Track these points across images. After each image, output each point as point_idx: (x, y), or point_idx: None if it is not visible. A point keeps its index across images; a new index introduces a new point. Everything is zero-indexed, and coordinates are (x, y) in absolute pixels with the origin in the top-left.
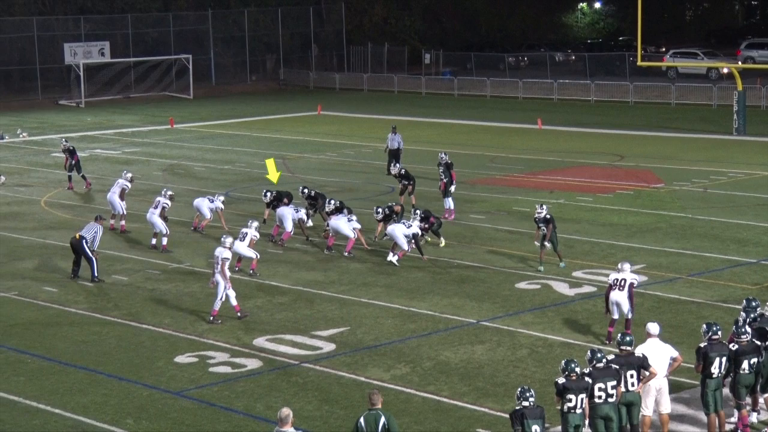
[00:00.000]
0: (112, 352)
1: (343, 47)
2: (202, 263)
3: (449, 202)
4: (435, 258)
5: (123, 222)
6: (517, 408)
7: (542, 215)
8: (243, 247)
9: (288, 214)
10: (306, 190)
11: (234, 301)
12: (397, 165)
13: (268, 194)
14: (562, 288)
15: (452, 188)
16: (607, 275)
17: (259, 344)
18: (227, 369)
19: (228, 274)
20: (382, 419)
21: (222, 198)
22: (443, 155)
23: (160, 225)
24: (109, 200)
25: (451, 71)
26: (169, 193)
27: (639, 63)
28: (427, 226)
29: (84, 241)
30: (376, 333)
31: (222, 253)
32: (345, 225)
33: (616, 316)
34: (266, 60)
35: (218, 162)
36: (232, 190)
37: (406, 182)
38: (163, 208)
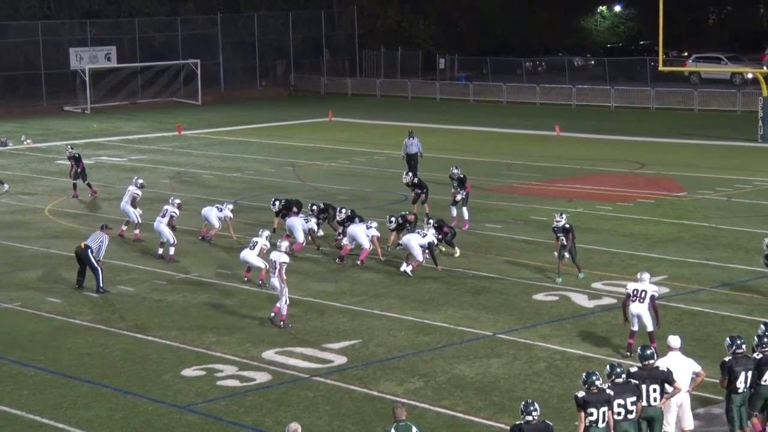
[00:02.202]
0: (117, 364)
1: (356, 52)
2: (210, 273)
3: (455, 211)
4: (450, 268)
5: (137, 230)
6: (518, 423)
7: (561, 224)
8: (252, 256)
9: (298, 225)
10: (315, 207)
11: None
12: (410, 173)
13: (277, 203)
14: (580, 300)
15: (462, 198)
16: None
17: (268, 357)
18: (235, 382)
19: (285, 278)
20: (414, 429)
21: (231, 207)
22: (455, 170)
23: (168, 234)
24: (122, 210)
25: (466, 76)
26: (177, 201)
27: (660, 68)
28: (440, 236)
29: (89, 250)
30: (389, 346)
31: (279, 257)
32: (362, 233)
33: (635, 328)
34: (276, 65)
35: (227, 170)
36: (241, 198)
37: (419, 191)
38: (171, 216)
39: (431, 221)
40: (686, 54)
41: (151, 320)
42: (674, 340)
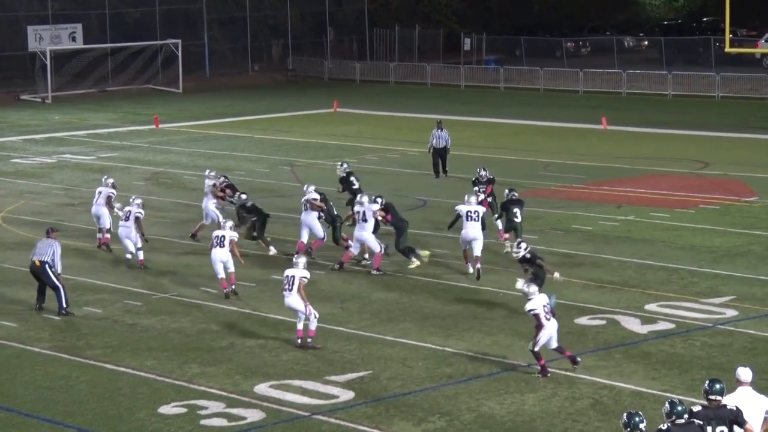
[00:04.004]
0: (83, 400)
1: (365, 30)
2: (193, 292)
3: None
4: (476, 287)
5: (107, 235)
6: None
7: (519, 255)
8: (225, 255)
9: (314, 221)
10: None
11: (306, 326)
12: (344, 164)
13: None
14: (632, 324)
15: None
16: (687, 308)
17: (261, 391)
18: (222, 422)
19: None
20: None
21: (213, 173)
22: (483, 171)
23: (134, 237)
24: (94, 214)
25: (496, 59)
26: (138, 200)
27: (727, 49)
28: (384, 218)
29: (46, 265)
30: (404, 378)
31: (298, 273)
32: (371, 235)
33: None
34: (272, 46)
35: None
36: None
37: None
38: (137, 218)
39: (379, 199)
40: (757, 33)
41: (123, 348)
42: (744, 373)
